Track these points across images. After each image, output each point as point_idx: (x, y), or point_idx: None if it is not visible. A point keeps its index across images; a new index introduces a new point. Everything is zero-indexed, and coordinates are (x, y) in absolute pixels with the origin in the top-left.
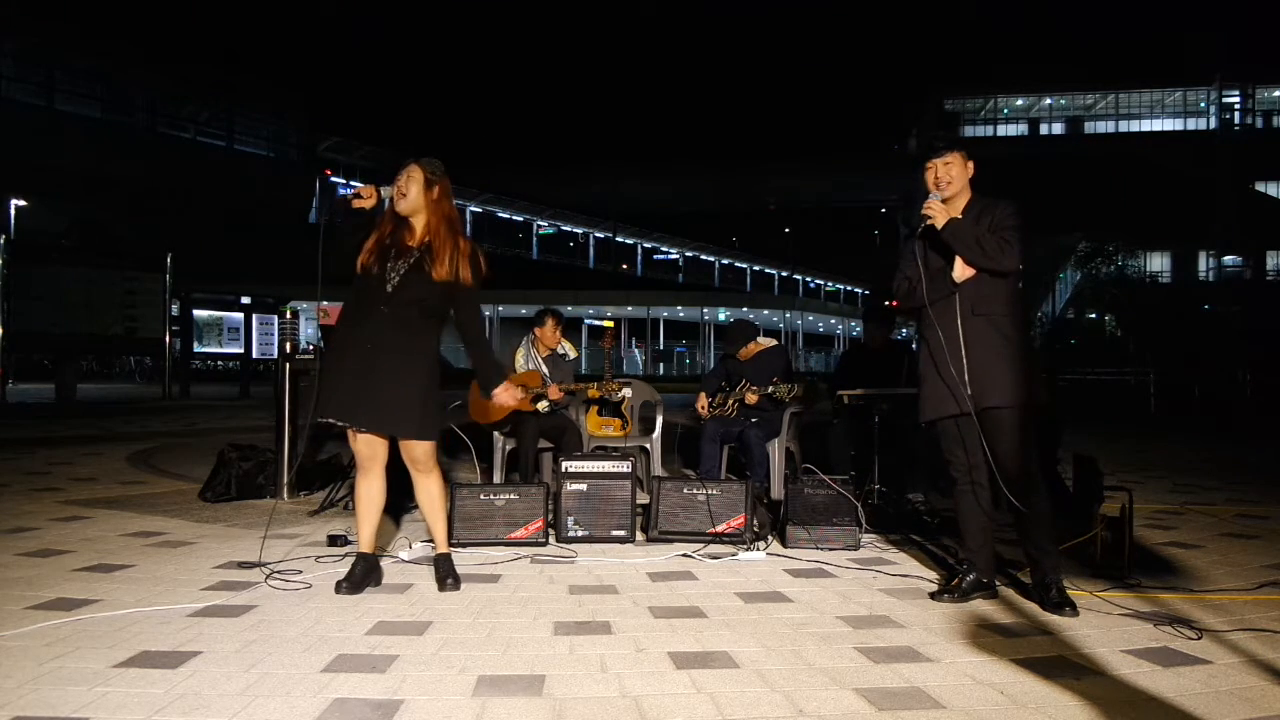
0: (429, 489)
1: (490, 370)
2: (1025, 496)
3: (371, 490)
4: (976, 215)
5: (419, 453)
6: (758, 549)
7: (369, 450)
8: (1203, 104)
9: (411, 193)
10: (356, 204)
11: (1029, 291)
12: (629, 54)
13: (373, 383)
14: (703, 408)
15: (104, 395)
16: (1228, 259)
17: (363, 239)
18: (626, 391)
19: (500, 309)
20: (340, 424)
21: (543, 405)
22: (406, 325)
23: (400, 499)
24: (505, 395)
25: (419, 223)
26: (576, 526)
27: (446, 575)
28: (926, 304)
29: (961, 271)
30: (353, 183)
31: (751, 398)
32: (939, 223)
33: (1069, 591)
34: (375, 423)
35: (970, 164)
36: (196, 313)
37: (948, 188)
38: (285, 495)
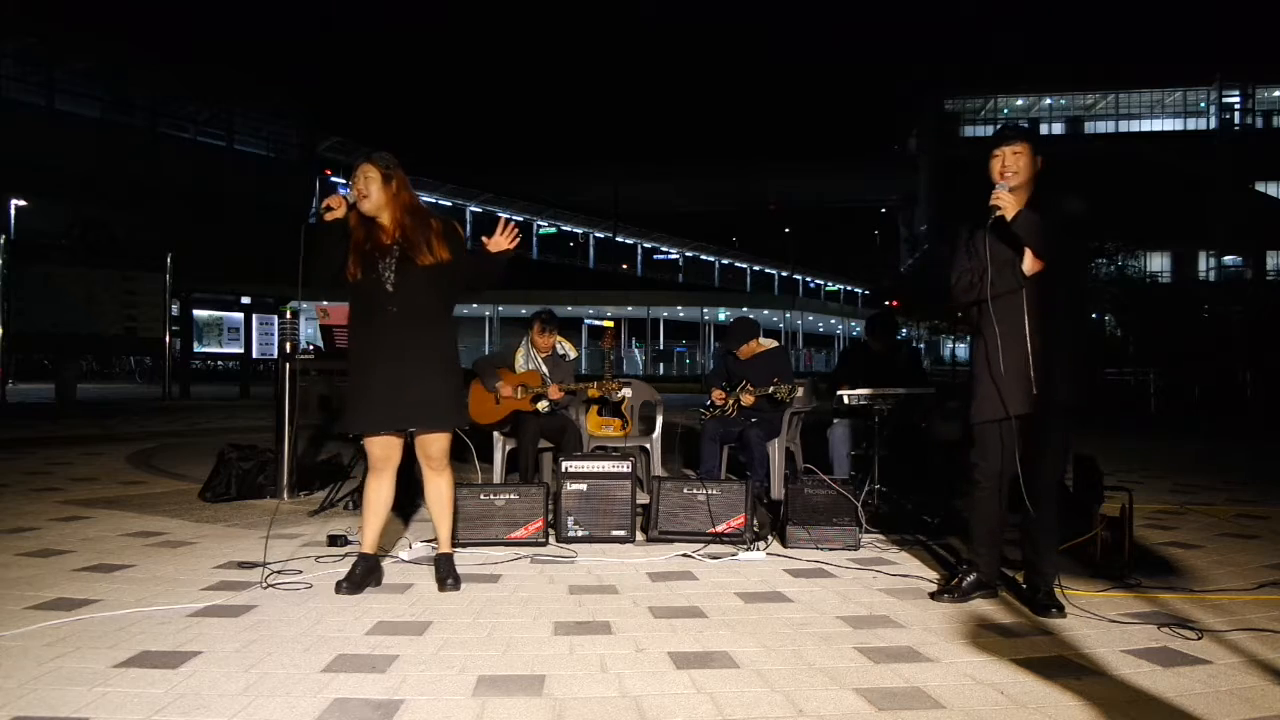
0: (439, 487)
1: (486, 258)
2: (1045, 506)
3: (382, 492)
4: (1046, 205)
5: (437, 449)
6: (758, 549)
7: (384, 453)
8: (1203, 104)
9: (373, 192)
10: (329, 216)
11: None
12: (629, 54)
13: (404, 383)
14: (719, 397)
15: (104, 395)
16: (1228, 259)
17: (346, 248)
18: (626, 391)
19: (500, 309)
20: (382, 433)
21: (543, 405)
22: (420, 319)
23: (403, 500)
24: (502, 240)
25: (387, 219)
26: (576, 526)
27: (447, 575)
28: (989, 299)
29: (1031, 265)
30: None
31: (748, 399)
32: (1009, 214)
33: (1069, 591)
34: (413, 420)
35: (1039, 158)
36: (196, 313)
37: (1013, 178)
38: (285, 495)
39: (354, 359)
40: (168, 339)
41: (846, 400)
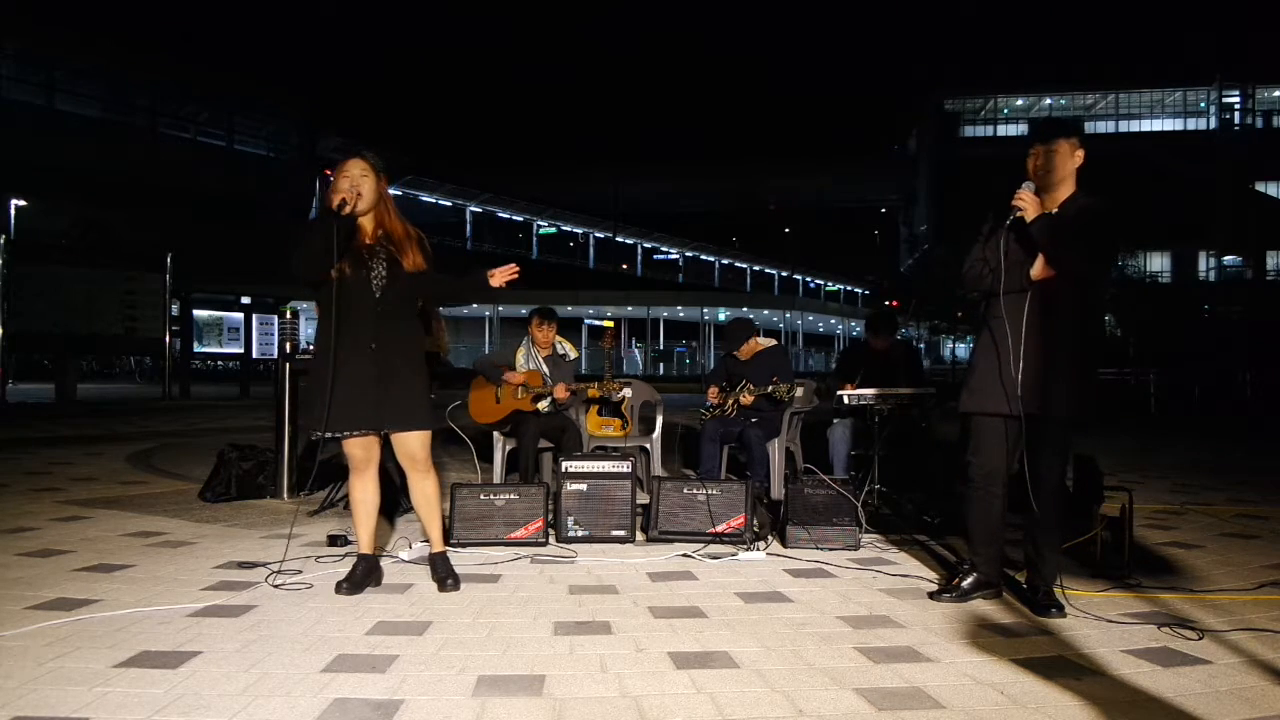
0: (425, 489)
1: (474, 284)
2: (1042, 504)
3: (367, 492)
4: (1075, 213)
5: (418, 448)
6: (758, 549)
7: (364, 453)
8: (1203, 104)
9: (367, 189)
10: (347, 210)
11: None
12: (630, 54)
13: (383, 384)
14: (714, 394)
15: (104, 395)
16: (1228, 259)
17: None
18: (626, 391)
19: (500, 309)
20: (360, 433)
21: (544, 405)
22: (398, 321)
23: (395, 499)
24: (500, 278)
25: (370, 219)
26: (576, 526)
27: (446, 575)
28: (1000, 294)
29: (1040, 270)
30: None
31: (747, 399)
32: (1029, 215)
33: (1069, 591)
34: (393, 422)
35: (1079, 154)
36: (196, 313)
37: (1045, 177)
38: (285, 495)
39: (324, 357)
40: (168, 339)
41: (846, 400)
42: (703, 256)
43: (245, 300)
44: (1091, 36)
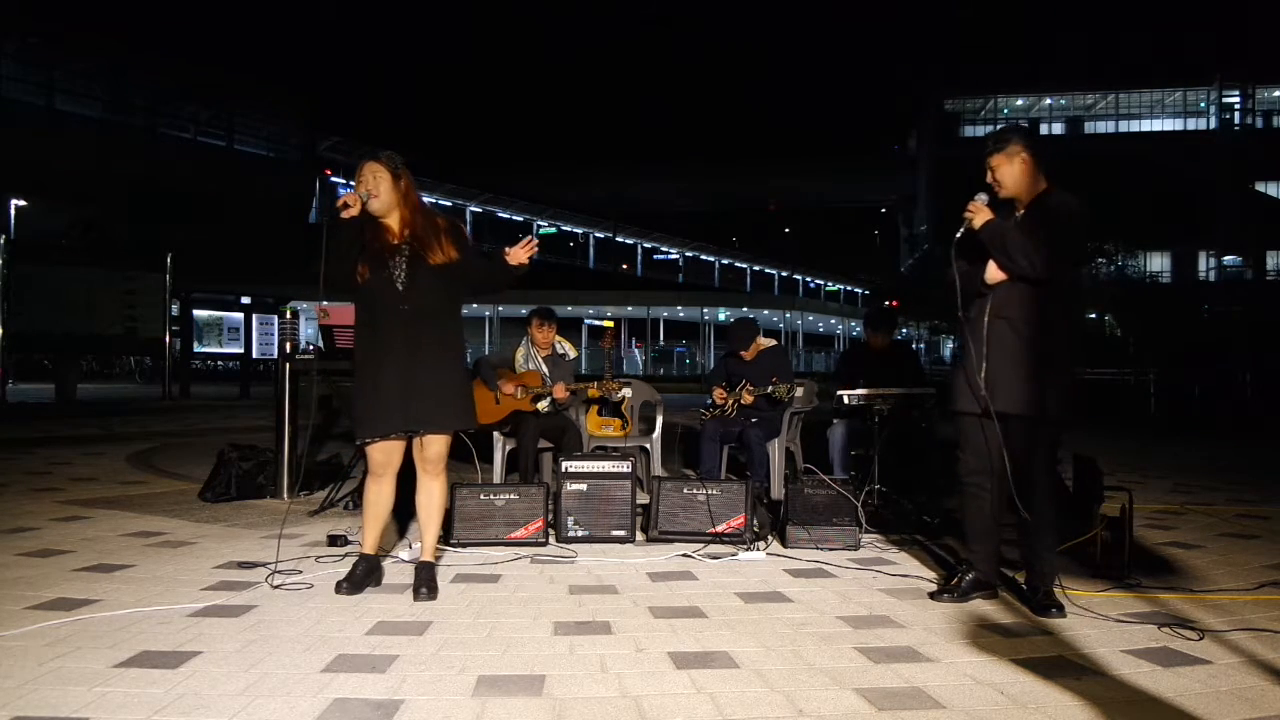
0: (432, 492)
1: (500, 267)
2: (1031, 504)
3: (383, 495)
4: (1040, 212)
5: (436, 451)
6: (758, 549)
7: (386, 458)
8: (1203, 104)
9: (383, 191)
10: (347, 214)
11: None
12: (630, 54)
13: (415, 383)
14: (720, 395)
15: (104, 395)
16: (1228, 259)
17: (360, 247)
18: (626, 391)
19: (500, 309)
20: (403, 435)
21: (543, 405)
22: (431, 318)
23: (404, 501)
24: (521, 254)
25: (395, 219)
26: (576, 526)
27: (422, 585)
28: (959, 300)
29: (993, 274)
30: (352, 183)
31: (748, 398)
32: (976, 223)
33: (1069, 591)
34: (423, 420)
35: (1026, 157)
36: (196, 313)
37: (1000, 189)
38: (285, 495)
39: (362, 362)
40: (168, 339)
41: (846, 400)
42: (703, 256)
43: (245, 300)
44: (1091, 36)
